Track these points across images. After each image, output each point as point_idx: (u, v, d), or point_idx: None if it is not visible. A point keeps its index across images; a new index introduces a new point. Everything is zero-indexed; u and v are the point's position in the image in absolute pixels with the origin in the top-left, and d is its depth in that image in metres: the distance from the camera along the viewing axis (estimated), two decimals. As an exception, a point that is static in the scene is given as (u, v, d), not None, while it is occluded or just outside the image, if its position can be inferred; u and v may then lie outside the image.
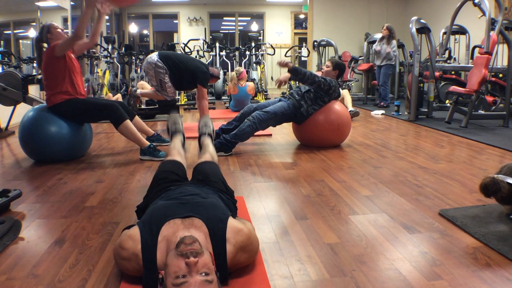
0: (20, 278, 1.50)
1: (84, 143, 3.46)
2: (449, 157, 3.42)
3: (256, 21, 12.21)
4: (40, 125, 3.18)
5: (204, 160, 2.19)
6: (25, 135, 3.22)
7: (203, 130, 2.53)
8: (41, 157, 3.26)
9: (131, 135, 3.32)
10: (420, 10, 8.95)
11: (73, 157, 3.36)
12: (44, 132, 3.16)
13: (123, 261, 1.42)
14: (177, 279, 1.18)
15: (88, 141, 3.54)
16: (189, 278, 1.18)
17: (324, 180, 2.76)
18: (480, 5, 4.88)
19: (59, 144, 3.21)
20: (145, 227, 1.43)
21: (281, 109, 3.64)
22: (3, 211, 2.17)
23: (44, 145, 3.18)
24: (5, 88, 4.27)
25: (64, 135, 3.22)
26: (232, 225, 1.47)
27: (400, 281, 1.48)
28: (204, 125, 2.55)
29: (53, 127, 3.19)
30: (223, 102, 7.90)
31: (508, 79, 5.11)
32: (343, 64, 3.98)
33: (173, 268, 1.20)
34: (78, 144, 3.37)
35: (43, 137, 3.16)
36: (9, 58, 6.46)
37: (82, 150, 3.47)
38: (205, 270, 1.21)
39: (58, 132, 3.19)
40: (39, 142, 3.18)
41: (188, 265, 1.19)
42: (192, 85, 4.53)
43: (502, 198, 1.95)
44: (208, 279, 1.20)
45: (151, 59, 4.31)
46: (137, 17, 12.04)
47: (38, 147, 3.20)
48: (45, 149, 3.20)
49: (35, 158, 3.31)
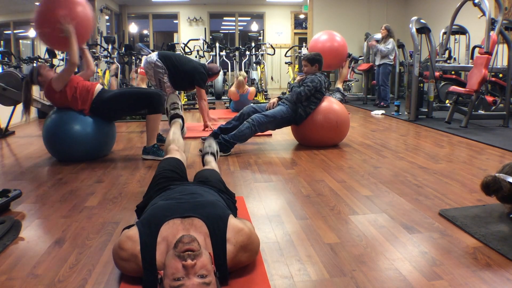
0: (20, 278, 1.50)
1: (109, 142, 3.48)
2: (449, 157, 3.42)
3: (256, 21, 12.21)
4: (64, 125, 3.18)
5: (205, 168, 2.22)
6: (49, 135, 3.22)
7: (206, 150, 2.57)
8: (65, 157, 3.27)
9: (154, 127, 3.35)
10: (420, 10, 8.95)
11: (98, 156, 3.38)
12: (69, 132, 3.16)
13: (122, 262, 1.42)
14: (174, 281, 1.18)
15: (112, 139, 3.55)
16: (186, 280, 1.18)
17: (324, 180, 2.76)
18: (480, 5, 4.88)
19: (84, 144, 3.21)
20: (144, 227, 1.43)
21: (280, 113, 3.66)
22: (3, 211, 2.17)
23: (67, 144, 3.18)
24: (5, 88, 4.27)
25: (89, 134, 3.22)
26: (232, 225, 1.46)
27: (400, 281, 1.48)
28: (208, 146, 2.60)
29: (78, 126, 3.19)
30: (223, 102, 7.89)
31: (508, 79, 5.11)
32: (317, 54, 3.93)
33: (171, 269, 1.20)
34: (103, 143, 3.39)
35: (67, 137, 3.17)
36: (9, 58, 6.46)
37: (107, 149, 3.50)
38: (203, 272, 1.20)
39: (83, 131, 3.19)
40: (64, 142, 3.18)
41: (185, 268, 1.19)
42: (190, 85, 4.59)
43: (503, 197, 1.95)
44: (206, 281, 1.19)
45: (151, 59, 4.34)
46: (137, 17, 12.04)
47: (63, 147, 3.21)
48: (70, 149, 3.20)
49: (58, 158, 3.32)
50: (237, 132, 3.52)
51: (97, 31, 9.12)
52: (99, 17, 9.42)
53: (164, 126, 5.17)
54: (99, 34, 9.13)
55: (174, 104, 2.65)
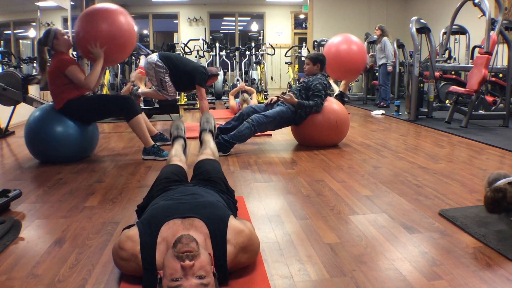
0: (20, 278, 1.49)
1: (91, 144, 3.43)
2: (449, 157, 3.42)
3: (256, 21, 12.21)
4: (47, 126, 3.14)
5: (205, 157, 2.18)
6: (31, 136, 3.18)
7: (204, 126, 2.52)
8: (47, 158, 3.24)
9: (141, 130, 3.29)
10: (420, 10, 8.95)
11: (80, 158, 3.34)
12: (50, 132, 3.13)
13: (122, 262, 1.42)
14: (172, 281, 1.18)
15: (95, 142, 3.51)
16: (184, 281, 1.18)
17: (324, 180, 2.76)
18: (480, 5, 4.88)
19: (66, 145, 3.17)
20: (144, 227, 1.43)
21: (280, 113, 3.66)
22: (3, 211, 2.17)
23: (50, 146, 3.14)
24: (5, 88, 4.27)
25: (71, 136, 3.18)
26: (233, 226, 1.46)
27: (400, 281, 1.48)
28: (206, 121, 2.55)
29: (60, 127, 3.15)
30: (223, 102, 7.89)
31: (508, 79, 5.11)
32: (320, 54, 3.94)
33: (169, 270, 1.21)
34: (85, 145, 3.34)
35: (49, 138, 3.13)
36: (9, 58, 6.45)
37: (89, 150, 3.45)
38: (201, 273, 1.20)
39: (64, 132, 3.16)
40: (46, 143, 3.14)
41: (184, 268, 1.19)
42: (191, 85, 4.60)
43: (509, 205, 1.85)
44: (204, 282, 1.19)
45: (151, 59, 4.35)
46: (137, 17, 12.03)
47: (44, 148, 3.17)
48: (51, 150, 3.16)
49: (40, 159, 3.29)
50: (237, 132, 3.52)
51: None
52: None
53: (165, 127, 5.17)
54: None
55: (179, 130, 2.57)
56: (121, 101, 3.26)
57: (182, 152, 2.38)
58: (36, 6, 6.07)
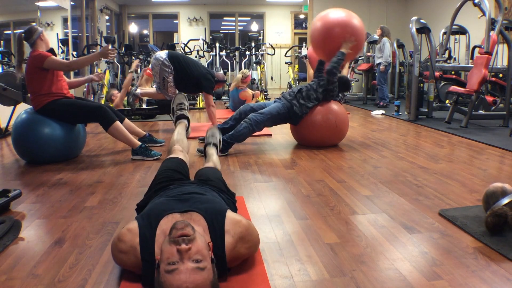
0: (20, 278, 1.50)
1: (77, 144, 3.43)
2: (449, 157, 3.42)
3: (256, 21, 12.22)
4: (33, 127, 3.15)
5: (206, 166, 2.22)
6: (17, 137, 3.20)
7: (209, 140, 2.56)
8: (33, 158, 3.24)
9: (121, 136, 3.31)
10: (420, 10, 8.95)
11: (66, 158, 3.34)
12: (36, 133, 3.13)
13: (120, 254, 1.42)
14: (169, 265, 1.19)
15: (82, 142, 3.51)
16: (181, 264, 1.19)
17: (324, 180, 2.76)
18: (480, 5, 4.89)
19: (52, 146, 3.18)
20: (143, 220, 1.45)
21: (275, 109, 3.68)
22: (3, 211, 2.17)
23: (36, 146, 3.15)
24: (5, 88, 4.27)
25: (57, 136, 3.19)
26: (230, 217, 1.48)
27: (400, 281, 1.48)
28: (211, 135, 2.59)
29: (46, 128, 3.16)
30: (223, 102, 7.90)
31: (508, 79, 5.11)
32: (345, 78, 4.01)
33: (166, 254, 1.22)
34: (71, 145, 3.35)
35: (35, 139, 3.14)
36: (9, 58, 6.45)
37: (76, 151, 3.45)
38: (198, 257, 1.21)
39: (50, 133, 3.17)
40: (32, 144, 3.15)
41: (180, 252, 1.20)
42: (196, 90, 4.61)
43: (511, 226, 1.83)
44: (200, 266, 1.20)
45: (159, 56, 4.36)
46: (137, 17, 12.04)
47: (31, 149, 3.18)
48: (38, 151, 3.17)
49: (27, 160, 3.29)
50: (235, 132, 3.53)
51: (97, 31, 9.13)
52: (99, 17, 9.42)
53: (165, 127, 5.18)
54: (99, 34, 9.14)
55: (181, 105, 2.63)
56: (94, 111, 3.25)
57: (184, 136, 2.42)
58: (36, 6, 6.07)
